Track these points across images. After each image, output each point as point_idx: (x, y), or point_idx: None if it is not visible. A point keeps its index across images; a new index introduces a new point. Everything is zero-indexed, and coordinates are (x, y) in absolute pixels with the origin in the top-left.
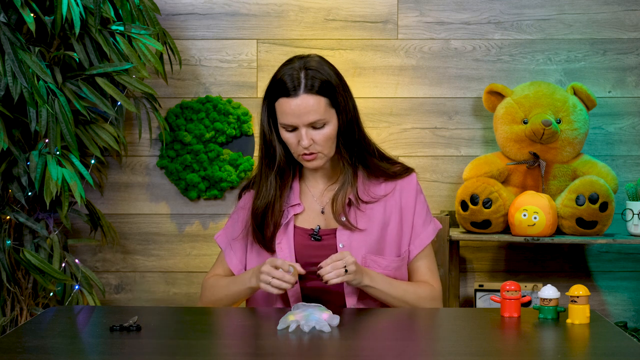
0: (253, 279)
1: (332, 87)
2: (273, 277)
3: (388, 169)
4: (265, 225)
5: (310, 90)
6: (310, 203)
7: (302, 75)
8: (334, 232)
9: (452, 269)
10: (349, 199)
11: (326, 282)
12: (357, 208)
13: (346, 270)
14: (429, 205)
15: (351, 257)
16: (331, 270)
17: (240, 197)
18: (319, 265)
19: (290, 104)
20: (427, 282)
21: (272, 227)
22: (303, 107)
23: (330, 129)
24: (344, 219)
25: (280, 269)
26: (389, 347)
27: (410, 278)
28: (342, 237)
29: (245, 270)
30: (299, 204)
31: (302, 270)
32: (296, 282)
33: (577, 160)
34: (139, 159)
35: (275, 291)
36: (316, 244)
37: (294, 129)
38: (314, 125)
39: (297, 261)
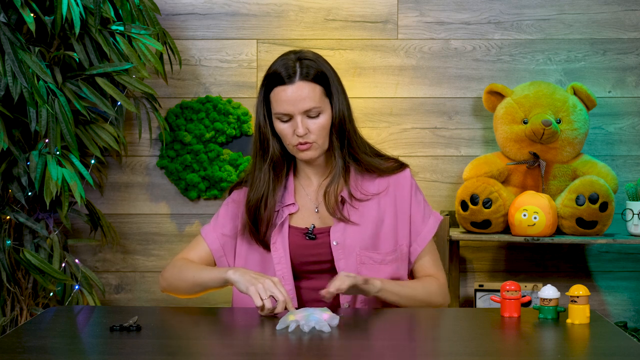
0: (233, 272)
1: (327, 77)
2: (269, 296)
3: (381, 165)
4: (259, 220)
5: (305, 77)
6: (305, 202)
7: (297, 64)
8: (328, 230)
9: (452, 269)
10: (342, 197)
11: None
12: (350, 205)
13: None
14: (428, 203)
15: (349, 275)
16: (338, 284)
17: (230, 192)
18: (322, 293)
19: (287, 91)
20: (431, 276)
21: (266, 222)
22: (299, 94)
23: (325, 118)
24: (338, 215)
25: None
26: (389, 347)
27: (415, 275)
28: (336, 235)
29: (226, 259)
30: (294, 203)
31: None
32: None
33: (577, 160)
34: (139, 159)
35: (259, 303)
36: (311, 243)
37: (289, 119)
38: (309, 114)
39: (292, 260)
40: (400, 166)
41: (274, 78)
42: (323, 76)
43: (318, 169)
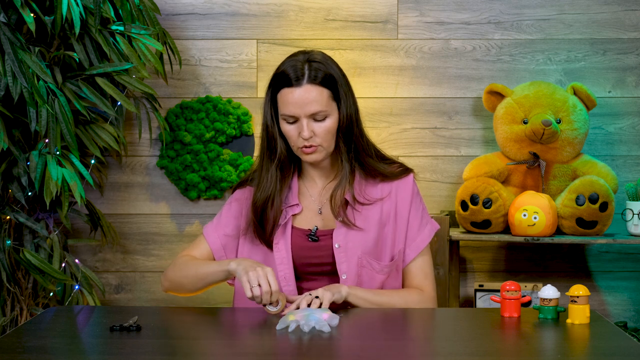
0: (234, 262)
1: (335, 80)
2: (259, 285)
3: (385, 170)
4: (265, 220)
5: (313, 80)
6: (309, 203)
7: (306, 67)
8: (331, 232)
9: (452, 269)
10: (346, 200)
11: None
12: (353, 208)
13: (317, 297)
14: (428, 205)
15: (314, 292)
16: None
17: (233, 191)
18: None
19: (294, 94)
20: (417, 288)
21: (272, 221)
22: (305, 97)
23: (331, 122)
24: (341, 218)
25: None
26: (389, 347)
27: (403, 282)
28: (338, 238)
29: (227, 259)
30: (297, 204)
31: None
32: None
33: (577, 160)
34: (139, 159)
35: (249, 294)
36: (313, 245)
37: (295, 120)
38: (315, 117)
39: (294, 262)
40: (404, 171)
41: (282, 79)
42: (331, 79)
43: (323, 171)
